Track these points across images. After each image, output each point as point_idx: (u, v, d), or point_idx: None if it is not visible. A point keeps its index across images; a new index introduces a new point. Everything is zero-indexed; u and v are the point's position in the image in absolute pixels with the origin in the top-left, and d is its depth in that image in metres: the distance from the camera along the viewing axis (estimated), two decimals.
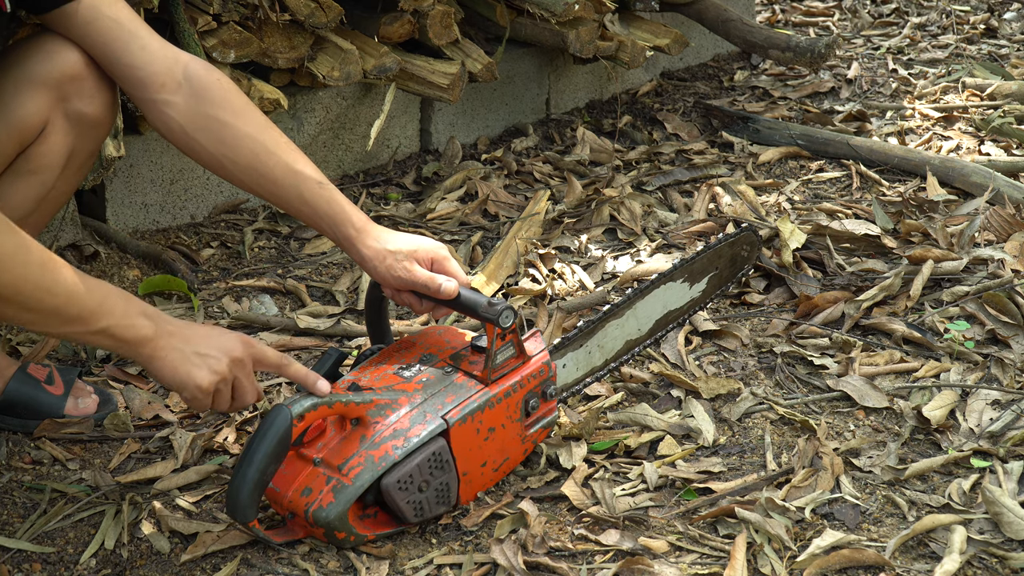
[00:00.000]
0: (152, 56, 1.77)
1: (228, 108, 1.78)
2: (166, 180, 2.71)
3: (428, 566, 1.67)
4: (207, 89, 1.78)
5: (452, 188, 3.00)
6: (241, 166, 1.78)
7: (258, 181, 1.79)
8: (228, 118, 1.78)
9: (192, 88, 1.77)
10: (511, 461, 1.83)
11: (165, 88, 1.77)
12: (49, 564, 1.70)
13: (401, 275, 1.78)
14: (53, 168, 1.85)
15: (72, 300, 1.52)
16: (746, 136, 3.34)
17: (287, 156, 1.79)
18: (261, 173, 1.78)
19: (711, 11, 3.62)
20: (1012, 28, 4.42)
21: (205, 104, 1.77)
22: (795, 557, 1.65)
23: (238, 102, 1.80)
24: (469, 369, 1.78)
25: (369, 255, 1.79)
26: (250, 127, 1.78)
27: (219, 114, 1.77)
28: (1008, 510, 1.70)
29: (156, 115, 1.79)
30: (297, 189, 1.79)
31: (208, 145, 1.78)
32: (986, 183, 2.84)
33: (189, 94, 1.77)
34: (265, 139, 1.78)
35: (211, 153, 1.78)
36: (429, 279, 1.77)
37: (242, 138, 1.77)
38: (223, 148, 1.78)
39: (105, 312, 1.55)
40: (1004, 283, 2.32)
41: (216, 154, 1.78)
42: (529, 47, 3.34)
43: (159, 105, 1.77)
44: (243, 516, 1.61)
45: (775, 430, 1.98)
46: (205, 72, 1.79)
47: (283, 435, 1.61)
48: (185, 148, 1.81)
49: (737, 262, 2.25)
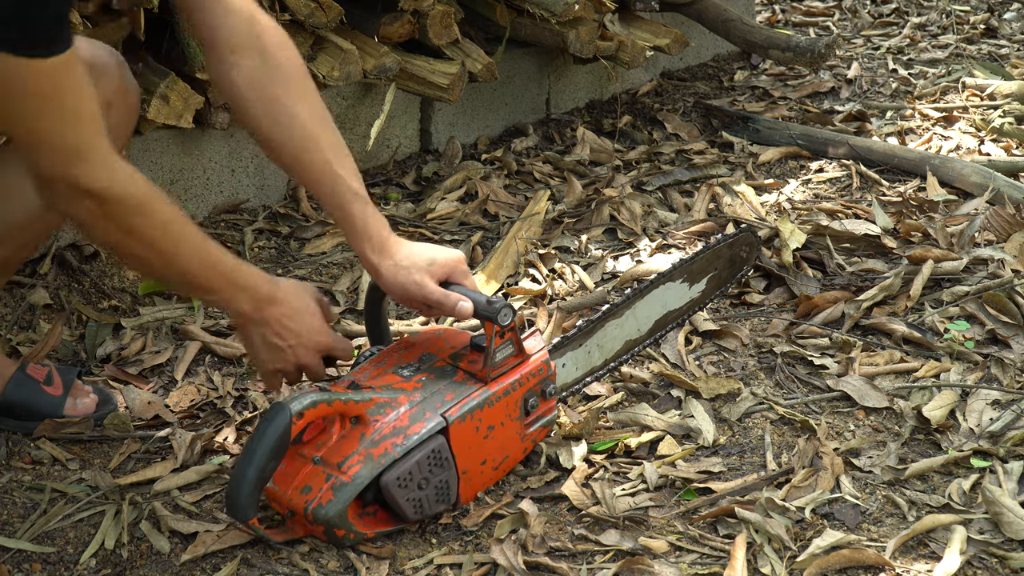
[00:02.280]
0: (232, 17, 1.76)
1: (291, 90, 1.78)
2: (166, 180, 2.71)
3: (428, 566, 1.67)
4: (277, 66, 1.77)
5: (452, 188, 3.00)
6: (287, 152, 1.79)
7: (298, 171, 1.80)
8: (287, 100, 1.77)
9: (263, 59, 1.77)
10: (511, 460, 1.83)
11: (236, 51, 1.76)
12: (49, 564, 1.70)
13: (413, 292, 1.78)
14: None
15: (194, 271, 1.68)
16: (746, 136, 3.34)
17: (332, 155, 1.79)
18: (304, 166, 1.79)
19: (711, 11, 3.62)
20: (1012, 28, 4.42)
21: (269, 79, 1.77)
22: (795, 557, 1.65)
23: (300, 86, 1.79)
24: (468, 368, 1.78)
25: (383, 271, 1.79)
26: (305, 115, 1.78)
27: (280, 94, 1.77)
28: (1008, 510, 1.70)
29: (223, 75, 1.78)
30: (332, 190, 1.79)
31: (262, 122, 1.78)
32: (986, 183, 2.84)
33: (259, 64, 1.76)
34: (316, 132, 1.78)
35: (262, 131, 1.79)
36: (443, 297, 1.77)
37: (295, 126, 1.77)
38: (275, 129, 1.78)
39: (215, 287, 1.70)
40: (1004, 283, 2.32)
41: (267, 133, 1.79)
42: (529, 47, 3.34)
43: (227, 67, 1.77)
44: (243, 514, 1.61)
45: (775, 430, 1.98)
46: (278, 47, 1.78)
47: (283, 433, 1.61)
48: (239, 115, 1.81)
49: (736, 263, 2.25)
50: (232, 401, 2.10)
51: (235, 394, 2.12)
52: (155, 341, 2.29)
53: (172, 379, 2.18)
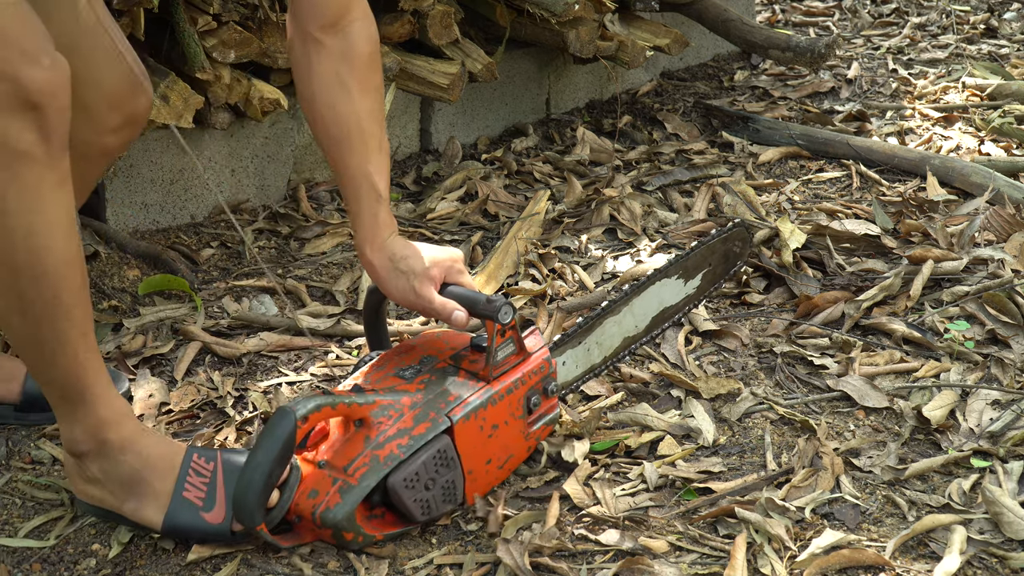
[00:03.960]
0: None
1: (357, 79, 1.78)
2: (166, 180, 2.71)
3: (428, 566, 1.67)
4: (354, 53, 1.77)
5: (452, 188, 3.00)
6: (330, 138, 1.79)
7: (334, 160, 1.80)
8: (351, 86, 1.77)
9: (346, 42, 1.76)
10: (515, 459, 1.83)
11: (325, 29, 1.75)
12: (49, 564, 1.70)
13: (411, 298, 1.79)
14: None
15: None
16: (746, 136, 3.34)
17: (369, 154, 1.79)
18: (342, 156, 1.79)
19: (711, 11, 3.62)
20: (1012, 28, 4.42)
21: (344, 63, 1.76)
22: (795, 557, 1.65)
23: (368, 79, 1.79)
24: (470, 368, 1.78)
25: (380, 272, 1.80)
26: (361, 109, 1.78)
27: (348, 80, 1.77)
28: (1008, 510, 1.70)
29: (302, 49, 1.77)
30: (355, 190, 1.79)
31: (320, 103, 1.78)
32: (986, 183, 2.84)
33: (341, 46, 1.76)
34: (364, 127, 1.78)
35: (317, 111, 1.78)
36: (441, 307, 1.78)
37: (348, 115, 1.77)
38: (329, 113, 1.78)
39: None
40: (1004, 283, 2.32)
41: (319, 113, 1.78)
42: (529, 47, 3.34)
43: (309, 41, 1.76)
44: (250, 520, 1.61)
45: (775, 430, 1.98)
46: (362, 37, 1.78)
47: (288, 438, 1.61)
48: (301, 91, 1.80)
49: (730, 258, 2.25)
50: (232, 401, 2.10)
51: (235, 394, 2.12)
52: (155, 340, 2.29)
53: (172, 379, 2.18)
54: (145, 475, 1.67)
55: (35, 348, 1.59)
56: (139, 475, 1.67)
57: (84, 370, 1.62)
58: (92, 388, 1.64)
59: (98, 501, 1.70)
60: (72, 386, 1.62)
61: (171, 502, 1.66)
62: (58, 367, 1.60)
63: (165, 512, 1.67)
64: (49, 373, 1.62)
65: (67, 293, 1.55)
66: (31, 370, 1.64)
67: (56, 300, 1.55)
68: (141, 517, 1.68)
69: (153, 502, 1.67)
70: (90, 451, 1.67)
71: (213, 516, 1.67)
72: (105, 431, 1.66)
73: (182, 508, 1.67)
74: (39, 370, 1.63)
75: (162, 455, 1.69)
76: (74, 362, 1.61)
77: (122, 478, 1.68)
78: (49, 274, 1.53)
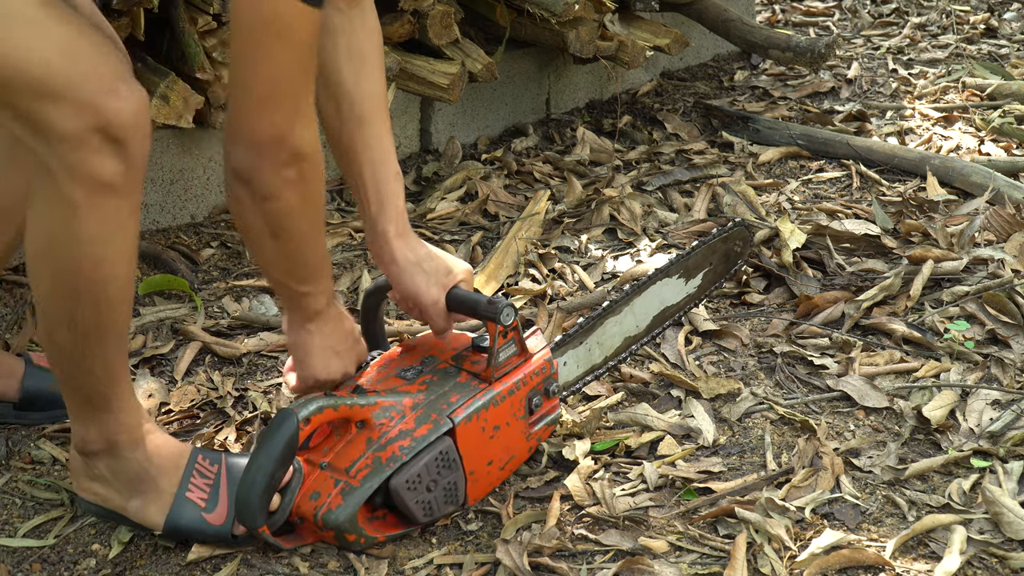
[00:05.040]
0: None
1: (377, 56, 1.75)
2: (166, 180, 2.71)
3: (428, 566, 1.67)
4: (370, 29, 1.74)
5: (452, 188, 3.00)
6: (355, 118, 1.75)
7: (357, 142, 1.76)
8: (373, 62, 1.74)
9: (362, 17, 1.73)
10: (516, 459, 1.83)
11: (351, 2, 1.71)
12: (49, 564, 1.70)
13: (423, 300, 1.80)
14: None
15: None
16: (746, 136, 3.34)
17: (390, 137, 1.78)
18: (364, 137, 1.76)
19: (711, 11, 3.62)
20: (1012, 28, 4.42)
21: (366, 39, 1.73)
22: (795, 557, 1.65)
23: (382, 59, 1.77)
24: (472, 368, 1.78)
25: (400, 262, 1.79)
26: (382, 89, 1.76)
27: (370, 56, 1.74)
28: (1008, 510, 1.70)
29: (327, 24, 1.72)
30: (386, 172, 1.78)
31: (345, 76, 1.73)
32: (986, 183, 2.84)
33: (361, 21, 1.73)
34: (385, 108, 1.76)
35: (342, 84, 1.73)
36: (446, 323, 1.81)
37: (374, 93, 1.75)
38: (355, 89, 1.74)
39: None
40: (1004, 283, 2.33)
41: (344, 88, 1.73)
42: (529, 47, 3.34)
43: (335, 15, 1.71)
44: (252, 522, 1.61)
45: (775, 430, 1.98)
46: (374, 15, 1.75)
47: (290, 439, 1.61)
48: (326, 64, 1.75)
49: (731, 257, 2.26)
50: (232, 401, 2.10)
51: (235, 394, 2.12)
52: (155, 340, 2.30)
53: (172, 379, 2.18)
54: (152, 474, 1.68)
55: (73, 359, 1.60)
56: (146, 473, 1.68)
57: (114, 379, 1.63)
58: (119, 396, 1.65)
59: (101, 499, 1.70)
60: (100, 393, 1.63)
61: (174, 502, 1.67)
62: (93, 376, 1.61)
63: (167, 512, 1.67)
64: (80, 379, 1.62)
65: (119, 314, 1.57)
66: (58, 375, 1.64)
67: (108, 321, 1.56)
68: (143, 516, 1.68)
69: (156, 501, 1.67)
70: (101, 451, 1.67)
71: (215, 517, 1.67)
72: (120, 433, 1.66)
73: (184, 508, 1.67)
74: (71, 376, 1.62)
75: (170, 455, 1.70)
76: (107, 371, 1.61)
77: (129, 476, 1.68)
78: (109, 300, 1.54)
